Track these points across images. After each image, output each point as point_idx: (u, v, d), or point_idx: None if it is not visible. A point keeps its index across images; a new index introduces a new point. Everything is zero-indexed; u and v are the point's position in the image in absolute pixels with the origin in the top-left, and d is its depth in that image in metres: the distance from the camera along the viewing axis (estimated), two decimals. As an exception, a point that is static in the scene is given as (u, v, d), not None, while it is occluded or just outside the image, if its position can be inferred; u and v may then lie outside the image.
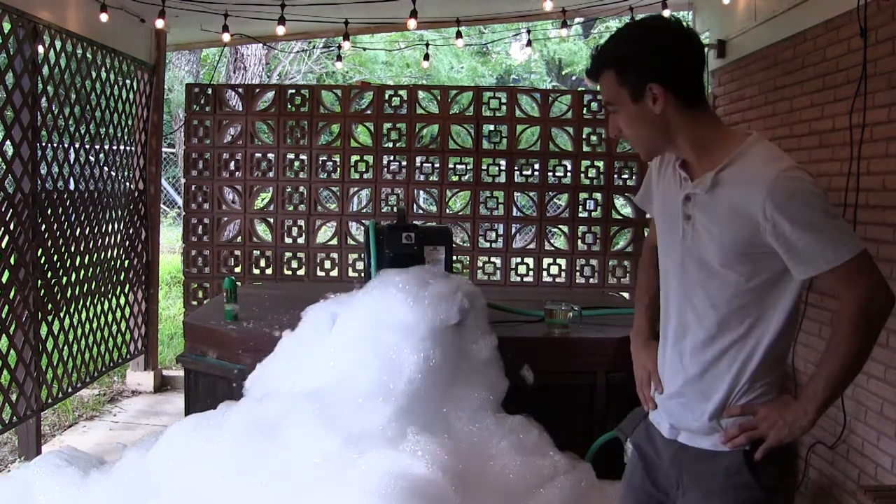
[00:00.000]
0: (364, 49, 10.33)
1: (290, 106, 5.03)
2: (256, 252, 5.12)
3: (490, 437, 2.54)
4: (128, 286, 4.67)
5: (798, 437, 1.57)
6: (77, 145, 4.01)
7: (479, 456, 2.48)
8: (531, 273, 5.08)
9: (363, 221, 5.00)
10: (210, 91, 5.02)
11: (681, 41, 1.56)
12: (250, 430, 2.49)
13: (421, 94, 5.11)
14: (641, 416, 1.83)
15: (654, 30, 1.60)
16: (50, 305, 3.75)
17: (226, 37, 4.59)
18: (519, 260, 5.11)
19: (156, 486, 2.49)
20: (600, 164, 4.98)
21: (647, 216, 2.12)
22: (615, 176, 4.98)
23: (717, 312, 1.58)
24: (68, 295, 3.92)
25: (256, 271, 5.13)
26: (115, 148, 4.45)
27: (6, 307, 3.38)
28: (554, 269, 5.07)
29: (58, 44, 3.74)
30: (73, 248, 3.94)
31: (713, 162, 1.56)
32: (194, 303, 5.05)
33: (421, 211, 5.20)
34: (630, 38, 1.59)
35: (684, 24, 1.64)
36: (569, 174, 5.07)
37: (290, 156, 5.05)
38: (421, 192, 5.30)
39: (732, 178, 1.53)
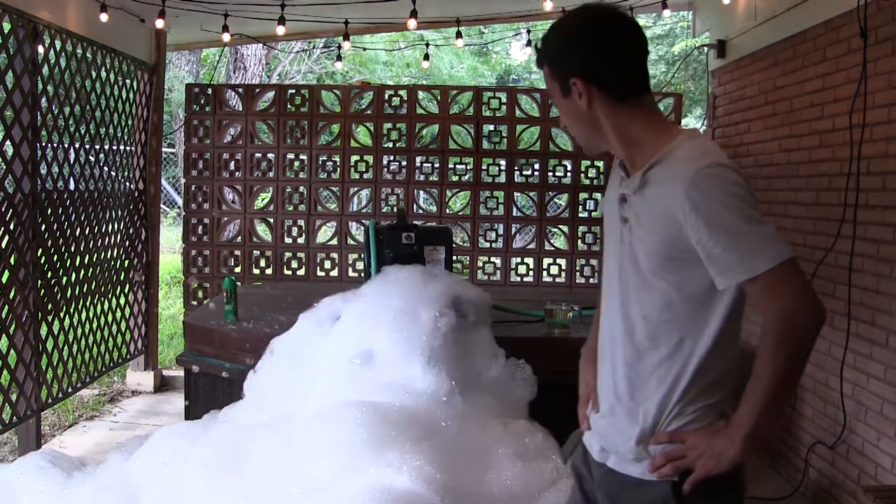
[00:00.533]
0: (364, 49, 10.33)
1: (290, 106, 5.03)
2: (256, 252, 5.12)
3: (494, 443, 2.52)
4: (128, 286, 4.67)
5: (727, 468, 1.39)
6: (77, 145, 4.01)
7: (480, 462, 2.46)
8: (531, 273, 5.08)
9: (363, 221, 5.00)
10: (210, 91, 5.02)
11: (601, 32, 1.45)
12: (237, 438, 2.49)
13: (421, 94, 5.11)
14: (579, 438, 1.69)
15: (579, 21, 1.48)
16: (50, 305, 3.75)
17: (226, 37, 4.59)
18: (519, 260, 5.11)
19: (137, 490, 2.51)
20: (600, 164, 4.98)
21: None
22: (615, 176, 4.97)
23: (648, 325, 1.44)
24: (68, 295, 3.92)
25: (256, 271, 5.13)
26: (115, 148, 4.45)
27: (6, 307, 3.37)
28: (554, 269, 5.07)
29: (58, 44, 3.74)
30: (73, 248, 3.94)
31: (646, 160, 1.44)
32: (194, 303, 5.05)
33: (421, 211, 5.20)
34: (557, 31, 1.50)
35: (623, 11, 1.51)
36: (569, 174, 5.07)
37: (290, 156, 5.05)
38: (421, 192, 5.30)
39: (658, 177, 1.41)
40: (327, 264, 5.08)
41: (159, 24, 4.38)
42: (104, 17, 4.04)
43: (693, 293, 1.40)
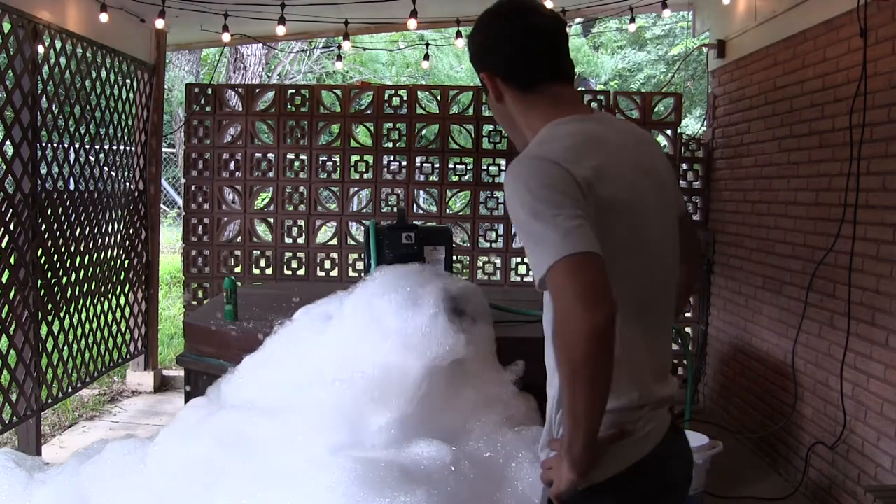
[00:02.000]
0: (364, 49, 10.34)
1: (290, 106, 5.03)
2: (256, 252, 5.12)
3: (511, 450, 2.49)
4: (128, 286, 4.67)
5: (566, 489, 1.28)
6: (77, 145, 4.01)
7: (495, 468, 2.44)
8: (531, 273, 5.06)
9: (363, 221, 5.00)
10: (210, 91, 5.02)
11: (497, 24, 1.42)
12: (205, 445, 2.50)
13: (421, 94, 5.11)
14: None
15: (482, 17, 1.46)
16: (50, 305, 3.75)
17: (226, 37, 4.59)
18: (519, 260, 5.11)
19: (87, 495, 2.55)
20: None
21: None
22: (615, 176, 4.97)
23: (546, 326, 1.42)
24: (68, 295, 3.92)
25: (256, 271, 5.13)
26: (115, 148, 4.45)
27: (6, 307, 3.38)
28: (554, 269, 5.06)
29: (58, 44, 3.74)
30: (73, 248, 3.94)
31: None
32: (194, 303, 5.05)
33: (421, 211, 5.20)
34: (472, 30, 1.49)
35: (532, 1, 1.47)
36: (569, 174, 5.06)
37: (290, 156, 5.05)
38: (421, 192, 5.30)
39: None
40: (327, 264, 5.08)
41: (159, 24, 4.39)
42: (104, 17, 4.04)
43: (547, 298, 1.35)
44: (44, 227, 3.66)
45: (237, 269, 5.07)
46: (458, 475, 2.29)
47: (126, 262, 4.63)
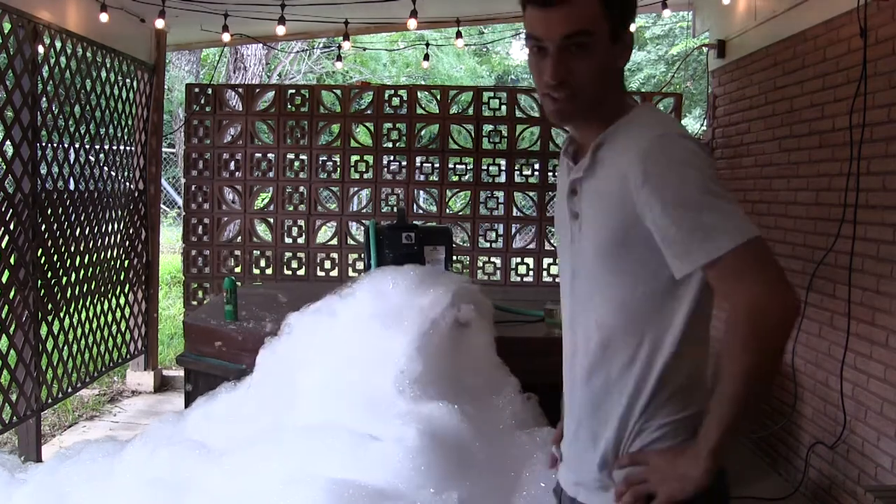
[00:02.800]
0: (364, 49, 10.33)
1: (290, 106, 5.03)
2: (256, 252, 5.12)
3: (522, 452, 2.48)
4: (128, 286, 4.67)
5: (691, 493, 1.18)
6: (77, 145, 4.01)
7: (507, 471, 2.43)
8: (531, 273, 5.08)
9: (363, 221, 5.00)
10: (210, 91, 5.02)
11: None
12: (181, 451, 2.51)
13: (421, 94, 5.11)
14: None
15: None
16: (50, 305, 3.75)
17: (226, 37, 4.59)
18: (519, 260, 5.11)
19: (64, 494, 2.58)
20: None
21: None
22: (615, 176, 4.97)
23: (601, 332, 1.26)
24: (68, 295, 3.92)
25: (256, 271, 5.13)
26: (115, 148, 4.45)
27: (6, 307, 3.37)
28: (554, 269, 5.06)
29: (58, 44, 3.74)
30: (73, 248, 3.94)
31: (597, 136, 1.27)
32: (194, 303, 5.05)
33: (421, 211, 5.20)
34: None
35: None
36: (569, 174, 5.07)
37: (290, 156, 5.05)
38: (421, 192, 5.30)
39: (610, 152, 1.23)
40: (327, 264, 5.08)
41: (159, 24, 4.39)
42: (104, 17, 4.04)
43: (650, 290, 1.22)
44: (44, 227, 3.66)
45: (237, 269, 5.07)
46: (473, 477, 2.29)
47: (126, 262, 4.63)
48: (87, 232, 4.09)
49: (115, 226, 4.45)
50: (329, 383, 2.53)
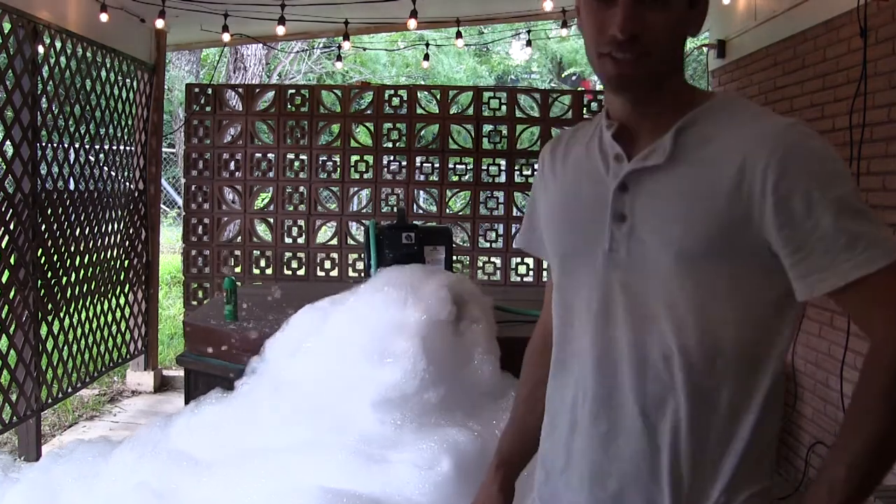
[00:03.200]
0: (364, 49, 10.34)
1: (290, 106, 5.03)
2: (256, 252, 5.12)
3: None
4: (128, 286, 4.67)
5: None
6: (77, 145, 4.01)
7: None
8: (531, 273, 5.08)
9: (363, 221, 5.00)
10: (210, 91, 5.03)
11: None
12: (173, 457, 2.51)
13: (421, 94, 5.11)
14: None
15: None
16: (50, 305, 3.75)
17: (226, 37, 4.59)
18: (519, 260, 5.11)
19: (56, 493, 2.58)
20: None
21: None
22: (615, 176, 4.97)
23: (678, 369, 0.99)
24: (68, 295, 3.92)
25: (256, 271, 5.13)
26: (115, 148, 4.45)
27: (6, 307, 3.37)
28: (554, 269, 5.06)
29: (58, 44, 3.74)
30: (73, 248, 3.94)
31: (663, 125, 1.02)
32: (194, 303, 5.05)
33: (421, 211, 5.20)
34: None
35: None
36: (569, 174, 5.06)
37: (290, 156, 5.05)
38: (421, 192, 5.30)
39: (706, 140, 0.99)
40: (327, 264, 5.08)
41: (159, 24, 4.38)
42: (104, 17, 4.04)
43: (750, 314, 0.98)
44: (44, 227, 3.66)
45: (237, 269, 5.07)
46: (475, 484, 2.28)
47: (126, 262, 4.63)
48: (87, 232, 4.09)
49: (115, 226, 4.45)
50: (321, 391, 2.53)
